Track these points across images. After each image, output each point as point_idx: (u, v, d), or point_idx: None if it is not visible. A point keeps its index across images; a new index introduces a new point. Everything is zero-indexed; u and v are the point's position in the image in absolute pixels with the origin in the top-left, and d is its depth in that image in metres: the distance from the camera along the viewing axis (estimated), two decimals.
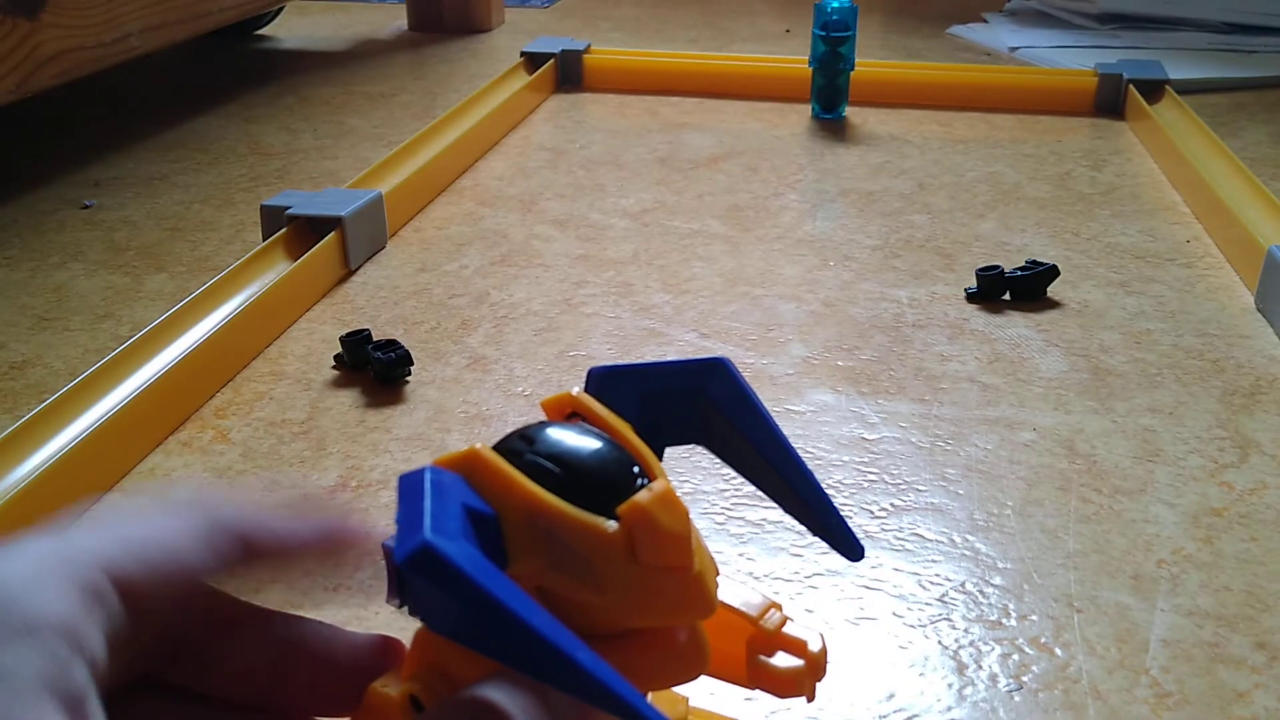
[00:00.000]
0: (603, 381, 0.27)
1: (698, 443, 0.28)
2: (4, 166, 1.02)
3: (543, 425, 0.25)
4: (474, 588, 0.20)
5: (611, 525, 0.23)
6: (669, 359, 0.28)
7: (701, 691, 0.26)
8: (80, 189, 0.96)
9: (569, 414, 0.26)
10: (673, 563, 0.23)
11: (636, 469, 0.25)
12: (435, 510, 0.21)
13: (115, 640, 0.22)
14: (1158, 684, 0.44)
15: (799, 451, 0.62)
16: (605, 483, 0.24)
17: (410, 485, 0.22)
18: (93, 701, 0.20)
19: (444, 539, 0.20)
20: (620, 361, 0.68)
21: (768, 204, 0.93)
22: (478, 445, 0.23)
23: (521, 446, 0.24)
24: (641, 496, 0.23)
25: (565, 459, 0.24)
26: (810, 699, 0.28)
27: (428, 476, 0.22)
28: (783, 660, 0.28)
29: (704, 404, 0.27)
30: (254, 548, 0.25)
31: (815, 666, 0.28)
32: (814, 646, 0.28)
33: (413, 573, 0.20)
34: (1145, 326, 0.72)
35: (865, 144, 1.09)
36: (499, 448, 0.24)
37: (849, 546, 0.27)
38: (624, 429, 0.25)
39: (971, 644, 0.46)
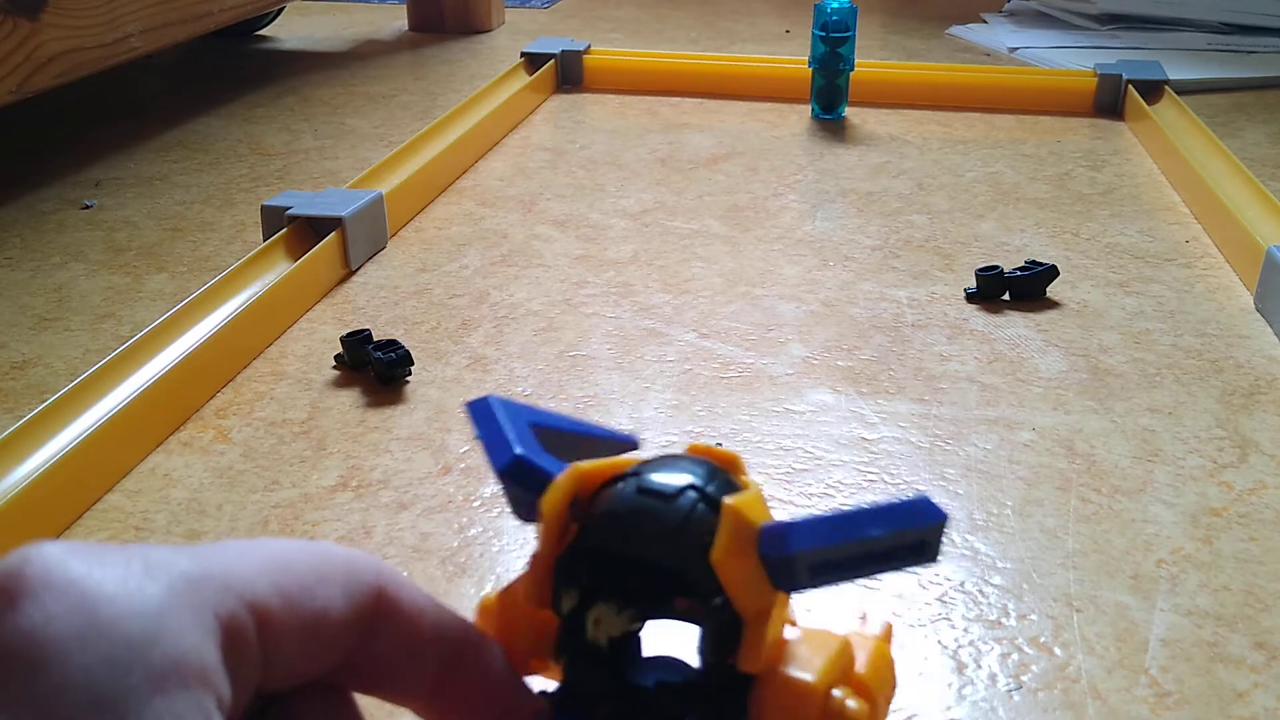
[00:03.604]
0: (542, 439, 0.26)
1: None
2: (5, 167, 1.02)
3: (620, 499, 0.25)
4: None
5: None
6: (489, 425, 0.27)
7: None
8: (81, 189, 0.96)
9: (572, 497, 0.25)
10: None
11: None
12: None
13: (245, 683, 0.21)
14: (1157, 683, 0.44)
15: (800, 452, 0.62)
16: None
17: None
18: None
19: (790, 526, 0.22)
20: (620, 363, 0.68)
21: (767, 204, 0.93)
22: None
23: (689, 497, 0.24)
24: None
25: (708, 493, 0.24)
26: None
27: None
28: None
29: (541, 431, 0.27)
30: (385, 605, 0.23)
31: None
32: None
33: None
34: (1144, 326, 0.73)
35: (865, 144, 1.09)
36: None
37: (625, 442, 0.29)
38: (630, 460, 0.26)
39: (971, 644, 0.46)
